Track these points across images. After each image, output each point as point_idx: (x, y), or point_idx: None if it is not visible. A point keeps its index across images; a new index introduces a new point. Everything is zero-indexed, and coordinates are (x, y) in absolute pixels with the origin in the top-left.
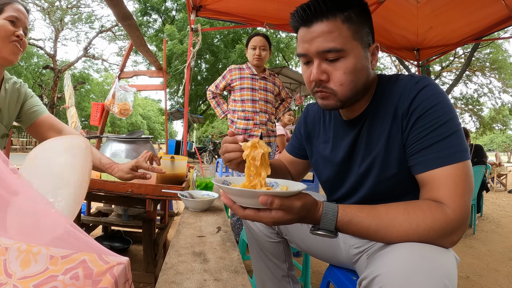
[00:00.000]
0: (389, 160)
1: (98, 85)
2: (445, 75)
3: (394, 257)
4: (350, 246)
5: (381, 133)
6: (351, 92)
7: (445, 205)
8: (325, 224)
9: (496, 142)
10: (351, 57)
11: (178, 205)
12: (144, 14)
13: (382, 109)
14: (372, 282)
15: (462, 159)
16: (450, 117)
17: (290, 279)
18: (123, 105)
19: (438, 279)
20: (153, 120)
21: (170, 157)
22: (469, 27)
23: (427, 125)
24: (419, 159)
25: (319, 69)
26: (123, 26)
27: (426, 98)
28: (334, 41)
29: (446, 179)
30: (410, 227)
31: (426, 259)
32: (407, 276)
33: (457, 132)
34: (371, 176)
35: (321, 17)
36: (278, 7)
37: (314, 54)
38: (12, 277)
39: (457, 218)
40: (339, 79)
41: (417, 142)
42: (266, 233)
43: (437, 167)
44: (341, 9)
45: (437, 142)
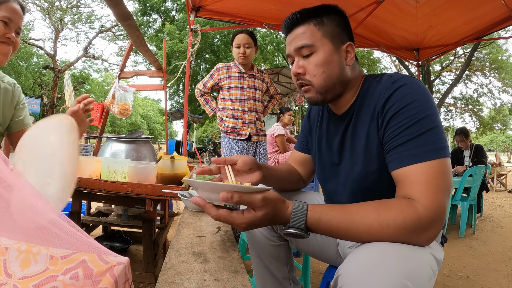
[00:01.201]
0: (370, 156)
1: (98, 85)
2: (445, 75)
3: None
4: (344, 246)
5: (361, 131)
6: (324, 82)
7: (417, 202)
8: (295, 221)
9: (496, 142)
10: (321, 52)
11: (178, 205)
12: (144, 14)
13: (365, 107)
14: (336, 280)
15: (437, 156)
16: (425, 115)
17: (291, 281)
18: (123, 105)
19: (396, 279)
20: (153, 120)
21: (170, 157)
22: (469, 26)
23: (401, 123)
24: (393, 156)
25: (297, 64)
26: (123, 26)
27: (401, 97)
28: (306, 39)
29: (418, 176)
30: (381, 227)
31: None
32: (365, 275)
33: (433, 129)
34: (356, 170)
35: (297, 24)
36: (277, 7)
37: (293, 52)
38: (12, 277)
39: (429, 215)
40: (312, 71)
41: (391, 140)
42: (268, 236)
43: (409, 164)
44: (312, 16)
45: (410, 140)
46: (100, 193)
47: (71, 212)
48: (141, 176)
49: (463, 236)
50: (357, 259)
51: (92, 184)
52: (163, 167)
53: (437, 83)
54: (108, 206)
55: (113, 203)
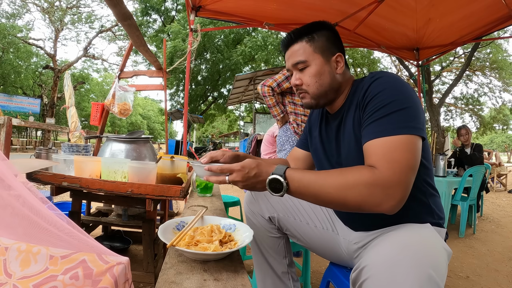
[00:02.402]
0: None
1: (98, 85)
2: (445, 75)
3: (380, 248)
4: (349, 242)
5: (350, 124)
6: (317, 90)
7: (374, 167)
8: (277, 171)
9: (496, 142)
10: (313, 65)
11: (178, 205)
12: (144, 14)
13: (352, 105)
14: (361, 272)
15: (397, 133)
16: (394, 99)
17: (290, 276)
18: (123, 105)
19: (422, 269)
20: (153, 120)
21: (170, 157)
22: (468, 21)
23: (373, 107)
24: (363, 133)
25: (295, 77)
26: (123, 26)
27: (375, 87)
28: (300, 56)
29: (376, 148)
30: (341, 179)
31: (411, 249)
32: (392, 266)
33: (400, 110)
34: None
35: (292, 42)
36: (277, 7)
37: (291, 67)
38: (12, 277)
39: (385, 177)
40: (306, 81)
41: (365, 121)
42: (267, 228)
43: (372, 138)
44: (303, 35)
45: (378, 119)
46: (100, 193)
47: (71, 212)
48: (141, 176)
49: (463, 236)
50: (381, 251)
51: (92, 184)
52: (163, 167)
53: (437, 83)
54: (108, 206)
55: (113, 203)
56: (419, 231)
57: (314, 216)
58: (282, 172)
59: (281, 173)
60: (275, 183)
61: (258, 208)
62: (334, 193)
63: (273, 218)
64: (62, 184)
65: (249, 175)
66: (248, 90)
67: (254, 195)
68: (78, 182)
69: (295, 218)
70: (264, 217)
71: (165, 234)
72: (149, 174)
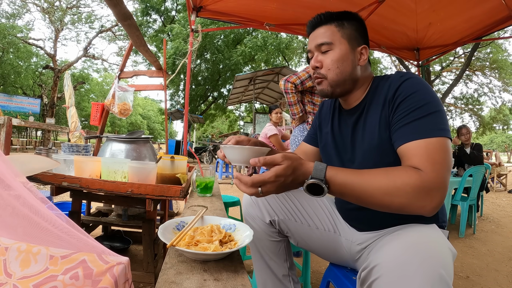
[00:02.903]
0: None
1: (98, 85)
2: (445, 75)
3: (391, 247)
4: (352, 242)
5: (374, 121)
6: (337, 76)
7: (419, 170)
8: (316, 173)
9: (496, 142)
10: (337, 49)
11: (178, 205)
12: (144, 14)
13: (375, 101)
14: (371, 272)
15: (436, 135)
16: (428, 101)
17: (291, 278)
18: (123, 105)
19: (433, 269)
20: (153, 120)
21: (170, 157)
22: (468, 24)
23: (407, 107)
24: (398, 135)
25: (315, 58)
26: (123, 26)
27: (408, 86)
28: (326, 37)
29: (418, 150)
30: (388, 181)
31: (422, 249)
32: (403, 266)
33: (434, 113)
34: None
35: (320, 24)
36: (277, 6)
37: (313, 48)
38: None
39: (430, 179)
40: (327, 65)
41: (398, 122)
42: (268, 232)
43: (411, 140)
44: (334, 19)
45: (414, 120)
46: (100, 193)
47: (71, 212)
48: (141, 176)
49: (463, 236)
50: (392, 251)
51: (92, 184)
52: (163, 167)
53: (437, 83)
54: (108, 206)
55: (113, 203)
56: (427, 231)
57: (316, 218)
58: (322, 176)
59: (321, 176)
60: (315, 188)
61: (258, 212)
62: (379, 196)
63: (274, 222)
64: (62, 184)
65: (285, 183)
66: (248, 90)
67: (254, 198)
68: (78, 182)
69: (296, 220)
70: (265, 221)
71: (165, 234)
72: (149, 174)
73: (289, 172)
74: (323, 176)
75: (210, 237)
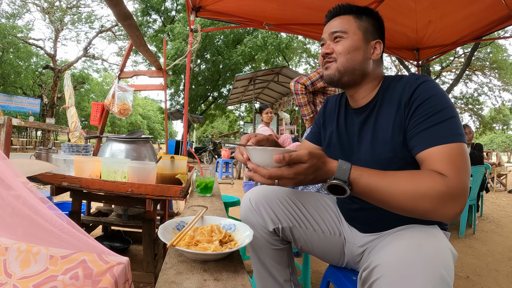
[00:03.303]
0: (394, 145)
1: (98, 85)
2: (445, 75)
3: (392, 248)
4: (354, 244)
5: (386, 123)
6: (347, 62)
7: (444, 175)
8: (340, 174)
9: (496, 142)
10: (350, 39)
11: (178, 205)
12: (144, 14)
13: (387, 102)
14: (372, 272)
15: (456, 140)
16: (446, 106)
17: (292, 283)
18: (122, 105)
19: (434, 270)
20: (153, 120)
21: (170, 157)
22: (468, 22)
23: (426, 111)
24: (418, 140)
25: (327, 46)
26: (123, 26)
27: (425, 89)
28: (341, 27)
29: (442, 155)
30: (414, 185)
31: (424, 250)
32: (405, 266)
33: (452, 118)
34: (377, 159)
35: (339, 14)
36: (277, 6)
37: (327, 36)
38: (12, 277)
39: (455, 185)
40: (338, 50)
41: (416, 126)
42: (270, 241)
43: (433, 145)
44: (354, 12)
45: (433, 126)
46: (100, 193)
47: (71, 212)
48: (141, 176)
49: (463, 236)
50: (393, 251)
51: (92, 184)
52: (163, 167)
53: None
54: (108, 206)
55: (113, 203)
56: (429, 232)
57: (321, 222)
58: (346, 177)
59: (345, 177)
60: (336, 188)
61: (260, 220)
62: (404, 201)
63: (278, 230)
64: (62, 184)
65: (304, 181)
66: (248, 90)
67: (255, 204)
68: (78, 182)
69: (301, 226)
70: (268, 230)
71: (165, 234)
72: (149, 174)
73: (311, 171)
74: (347, 177)
75: (210, 237)
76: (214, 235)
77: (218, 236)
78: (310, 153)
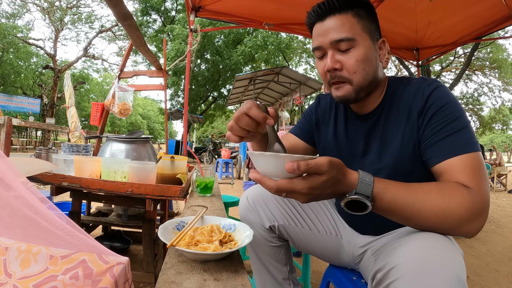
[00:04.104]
0: (404, 157)
1: (97, 85)
2: (445, 75)
3: (408, 249)
4: (354, 245)
5: (395, 132)
6: (364, 80)
7: (470, 188)
8: (362, 188)
9: (496, 142)
10: (361, 47)
11: (178, 205)
12: (144, 14)
13: (395, 108)
14: (388, 274)
15: (475, 149)
16: (461, 114)
17: (291, 281)
18: (123, 105)
19: (452, 270)
20: (153, 120)
21: (170, 157)
22: (468, 23)
23: (441, 120)
24: (435, 150)
25: (333, 58)
26: (123, 26)
27: (440, 96)
28: (346, 32)
29: (464, 166)
30: (444, 201)
31: (439, 250)
32: (422, 267)
33: (468, 126)
34: (385, 171)
35: (334, 12)
36: (277, 6)
37: (328, 45)
38: (12, 277)
39: (481, 200)
40: (352, 67)
41: (432, 136)
42: (267, 238)
43: (453, 156)
44: (352, 6)
45: (450, 135)
46: (100, 193)
47: (71, 212)
48: (141, 176)
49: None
50: (410, 252)
51: (92, 184)
52: (163, 167)
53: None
54: (108, 206)
55: (113, 203)
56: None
57: (317, 221)
58: (369, 191)
59: (368, 192)
60: (356, 204)
61: (257, 217)
62: (432, 217)
63: (274, 227)
64: (62, 184)
65: (320, 196)
66: (248, 90)
67: (252, 202)
68: (78, 182)
69: (297, 225)
70: (264, 227)
71: (165, 234)
72: (149, 174)
73: (329, 184)
74: (370, 192)
75: (210, 237)
76: (214, 235)
77: (218, 236)
78: (330, 162)
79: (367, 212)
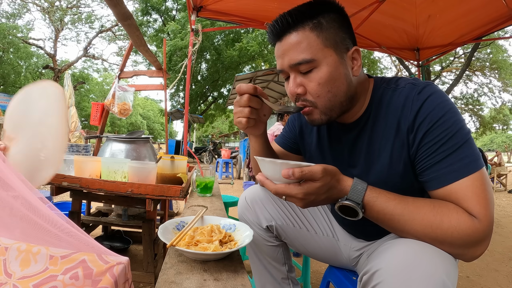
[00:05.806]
0: (393, 175)
1: (97, 85)
2: (445, 75)
3: (394, 252)
4: (350, 248)
5: (382, 146)
6: (330, 103)
7: (474, 217)
8: (353, 194)
9: (496, 142)
10: (324, 66)
11: (178, 205)
12: (144, 14)
13: (382, 119)
14: (372, 276)
15: (477, 168)
16: (459, 127)
17: (290, 281)
18: (123, 105)
19: (437, 276)
20: (153, 120)
21: (170, 157)
22: (468, 18)
23: (437, 138)
24: (432, 174)
25: (294, 82)
26: (123, 26)
27: (431, 109)
28: (303, 52)
29: (466, 191)
30: (434, 219)
31: (426, 255)
32: (406, 271)
33: (467, 141)
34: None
35: (289, 29)
36: (278, 6)
37: (288, 68)
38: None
39: (484, 229)
40: (314, 91)
41: (428, 157)
42: (265, 237)
43: (453, 181)
44: (310, 17)
45: (448, 155)
46: (100, 193)
47: (71, 212)
48: (141, 176)
49: None
50: (395, 256)
51: (92, 184)
52: (163, 167)
53: (437, 83)
54: (108, 206)
55: (113, 203)
56: None
57: (314, 222)
58: (360, 198)
59: (358, 199)
60: (348, 210)
61: (254, 217)
62: (421, 231)
63: (271, 227)
64: (62, 184)
65: (315, 201)
66: None
67: (250, 202)
68: (78, 182)
69: (294, 225)
70: (262, 226)
71: (165, 234)
72: (149, 174)
73: (323, 190)
74: (360, 199)
75: (210, 237)
76: (214, 235)
77: (218, 236)
78: (324, 170)
79: (359, 218)
